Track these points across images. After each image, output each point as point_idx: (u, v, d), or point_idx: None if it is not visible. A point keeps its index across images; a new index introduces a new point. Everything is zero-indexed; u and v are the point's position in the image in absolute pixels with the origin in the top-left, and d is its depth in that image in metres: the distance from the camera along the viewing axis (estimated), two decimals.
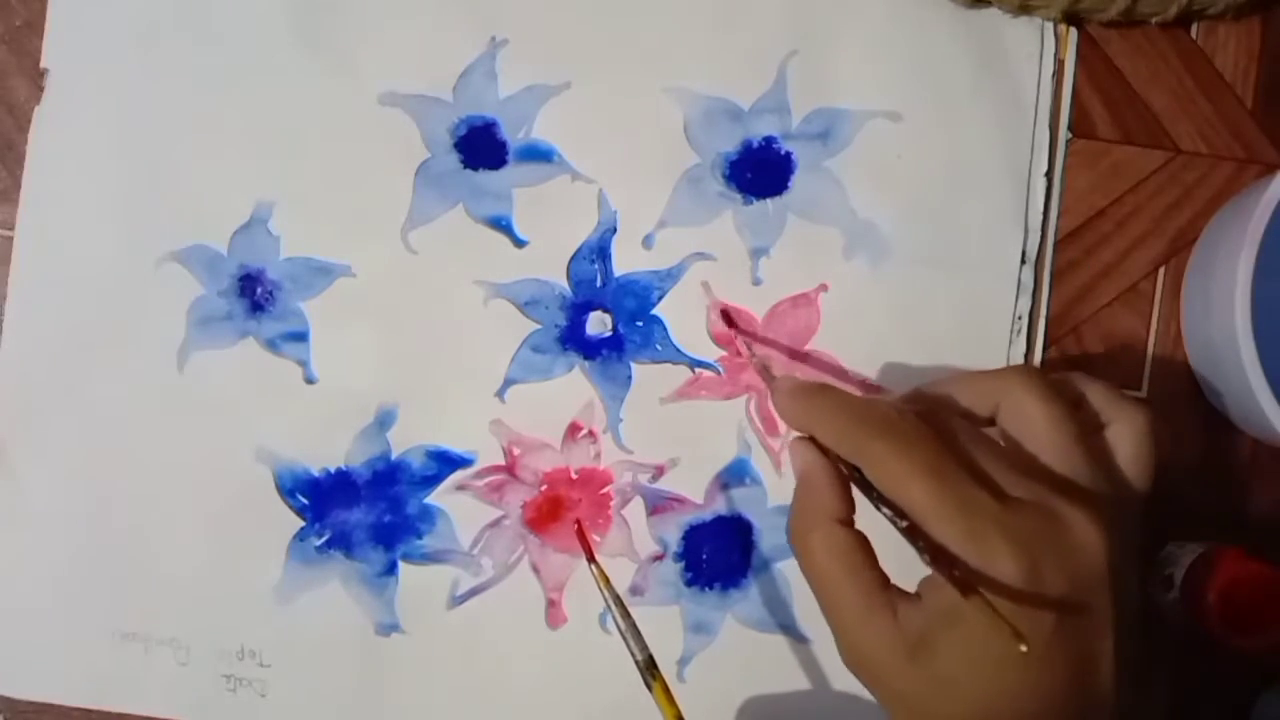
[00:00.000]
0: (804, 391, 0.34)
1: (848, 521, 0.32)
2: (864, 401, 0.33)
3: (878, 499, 0.30)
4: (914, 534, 0.29)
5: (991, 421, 0.34)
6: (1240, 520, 0.42)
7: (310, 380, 0.42)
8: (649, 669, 0.36)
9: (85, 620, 0.42)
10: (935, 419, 0.32)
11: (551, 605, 0.42)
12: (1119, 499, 0.32)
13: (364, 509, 0.42)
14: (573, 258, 0.42)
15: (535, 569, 0.42)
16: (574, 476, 0.42)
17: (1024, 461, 0.32)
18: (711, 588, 0.42)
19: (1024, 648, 0.26)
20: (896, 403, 0.32)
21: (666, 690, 0.36)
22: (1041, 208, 0.42)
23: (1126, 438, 0.34)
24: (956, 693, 0.29)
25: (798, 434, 0.34)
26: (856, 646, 0.31)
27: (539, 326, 0.42)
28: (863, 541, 0.31)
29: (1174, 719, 0.41)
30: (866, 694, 0.31)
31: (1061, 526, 0.30)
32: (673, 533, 0.42)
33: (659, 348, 0.42)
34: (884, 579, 0.31)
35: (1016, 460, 0.32)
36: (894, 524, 0.29)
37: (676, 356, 0.42)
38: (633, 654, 0.36)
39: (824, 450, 0.33)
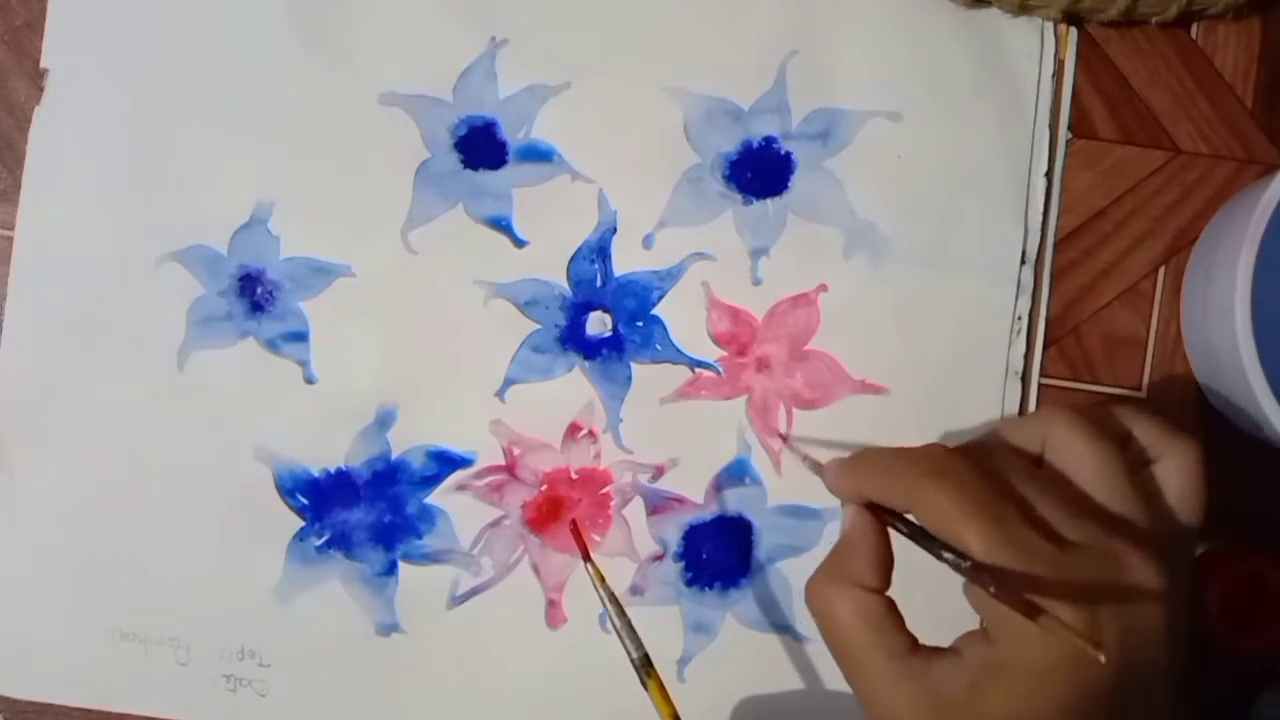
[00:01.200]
0: (851, 458, 0.33)
1: (882, 591, 0.31)
2: (913, 448, 0.32)
3: (937, 546, 0.29)
4: (980, 571, 0.28)
5: (1039, 464, 0.33)
6: (1240, 520, 0.42)
7: (310, 380, 0.42)
8: (644, 667, 0.36)
9: (85, 620, 0.42)
10: (986, 462, 0.31)
11: (551, 605, 0.42)
12: (1171, 536, 0.32)
13: (364, 509, 0.42)
14: (573, 258, 0.42)
15: (535, 569, 0.42)
16: (574, 476, 0.42)
17: (1076, 502, 0.31)
18: (711, 588, 0.42)
19: (1103, 657, 0.25)
20: (946, 447, 0.31)
21: (662, 688, 0.36)
22: (1041, 208, 0.42)
23: (1175, 473, 0.32)
24: None
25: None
26: (888, 712, 0.30)
27: (539, 326, 0.42)
28: (891, 606, 0.30)
29: (1174, 719, 0.41)
30: None
31: (1118, 571, 0.29)
32: (673, 533, 0.42)
33: (659, 348, 0.42)
34: (913, 641, 0.30)
35: (1069, 501, 0.31)
36: (957, 568, 0.28)
37: (676, 356, 0.42)
38: (628, 652, 0.36)
39: (877, 520, 0.32)
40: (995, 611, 0.29)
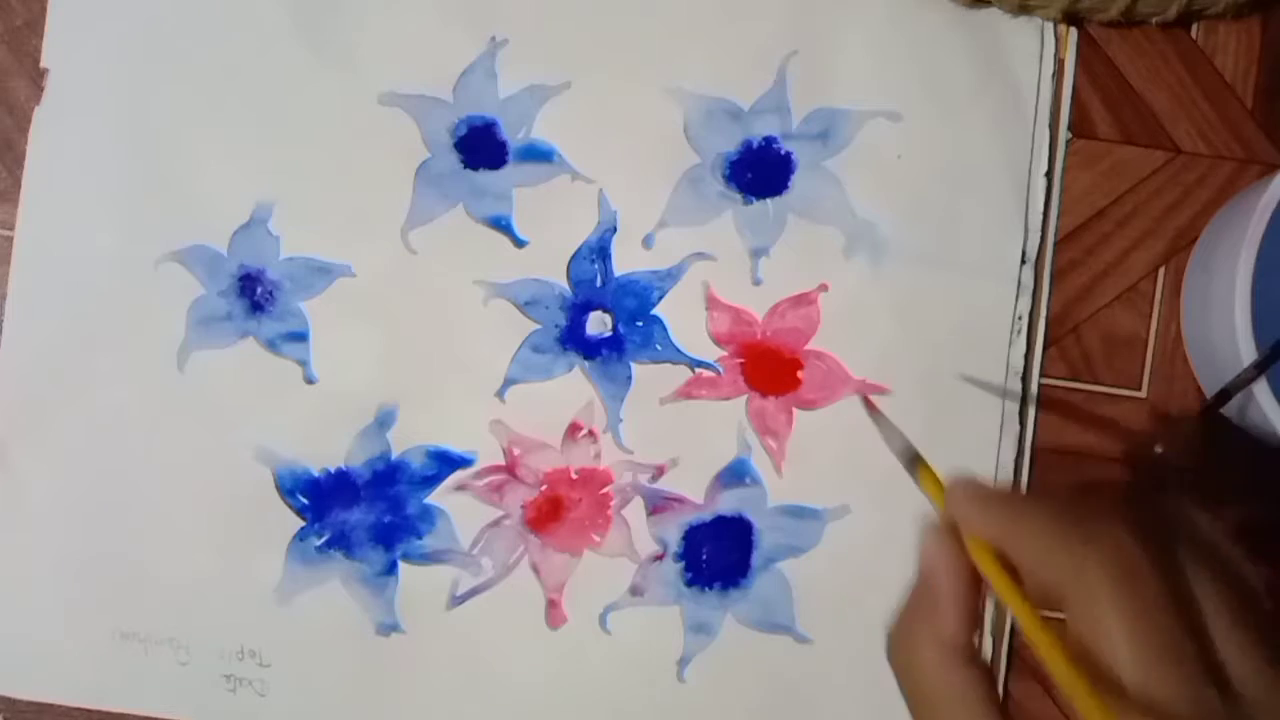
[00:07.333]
0: (1000, 499, 0.27)
1: (969, 651, 0.26)
2: (1094, 527, 0.25)
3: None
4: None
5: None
6: (1240, 520, 0.42)
7: (310, 380, 0.42)
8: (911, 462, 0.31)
9: (85, 620, 0.42)
10: (1176, 570, 0.24)
11: (551, 605, 0.42)
12: None
13: (364, 509, 0.42)
14: (573, 258, 0.42)
15: (535, 569, 0.42)
16: (574, 476, 0.42)
17: (1258, 645, 0.24)
18: (711, 588, 0.42)
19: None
20: (1136, 543, 0.25)
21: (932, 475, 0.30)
22: (1041, 208, 0.42)
23: None
24: None
25: (937, 522, 0.28)
26: None
27: (539, 326, 0.42)
28: (986, 675, 0.26)
29: None
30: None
31: None
32: (673, 533, 0.42)
33: (659, 348, 0.42)
34: (1002, 707, 0.26)
35: (1254, 642, 0.24)
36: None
37: (676, 356, 0.42)
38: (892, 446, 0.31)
39: (963, 553, 0.27)
40: None
